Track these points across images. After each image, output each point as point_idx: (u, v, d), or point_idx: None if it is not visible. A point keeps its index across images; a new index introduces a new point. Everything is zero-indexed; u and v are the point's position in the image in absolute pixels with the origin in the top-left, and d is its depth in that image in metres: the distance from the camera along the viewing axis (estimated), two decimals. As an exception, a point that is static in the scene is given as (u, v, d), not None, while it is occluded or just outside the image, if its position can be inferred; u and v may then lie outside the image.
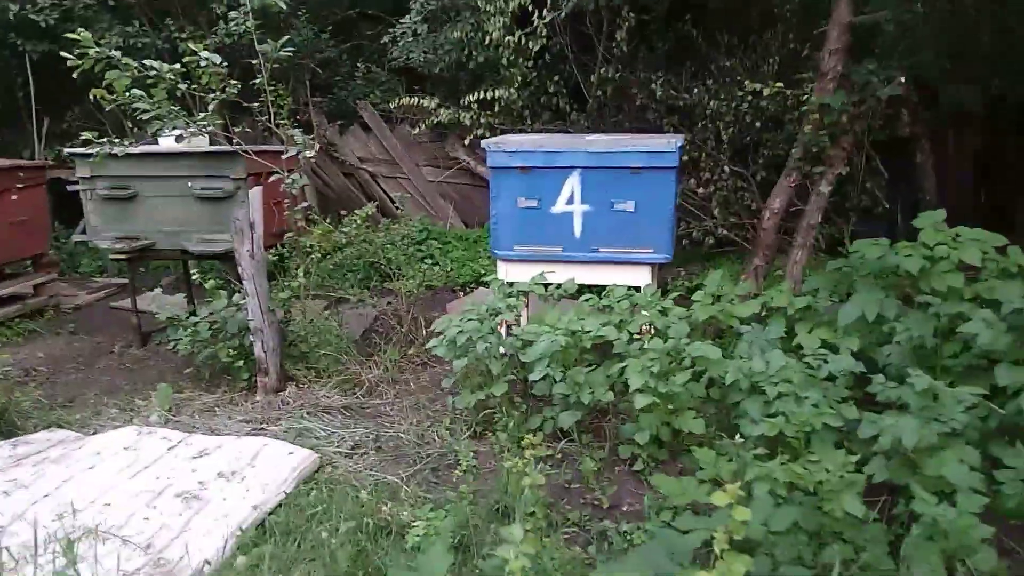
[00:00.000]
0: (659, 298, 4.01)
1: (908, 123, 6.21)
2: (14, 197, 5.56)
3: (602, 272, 4.64)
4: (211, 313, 4.34)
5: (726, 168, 6.69)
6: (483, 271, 6.71)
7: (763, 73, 6.79)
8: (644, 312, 3.93)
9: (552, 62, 7.11)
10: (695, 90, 6.78)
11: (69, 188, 5.04)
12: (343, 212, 6.82)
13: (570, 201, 4.54)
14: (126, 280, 7.22)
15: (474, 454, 3.42)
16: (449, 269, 6.76)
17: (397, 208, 5.10)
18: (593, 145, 4.45)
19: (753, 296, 4.09)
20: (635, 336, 3.58)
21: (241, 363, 4.30)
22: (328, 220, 5.42)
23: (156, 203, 5.02)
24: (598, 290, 4.27)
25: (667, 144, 4.35)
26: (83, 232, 5.80)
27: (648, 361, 3.18)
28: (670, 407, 3.17)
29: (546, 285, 4.19)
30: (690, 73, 7.04)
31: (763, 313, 3.91)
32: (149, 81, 4.02)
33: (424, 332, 5.22)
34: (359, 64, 8.00)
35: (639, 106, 6.99)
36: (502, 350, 3.68)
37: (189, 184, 4.90)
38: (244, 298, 4.21)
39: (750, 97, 6.56)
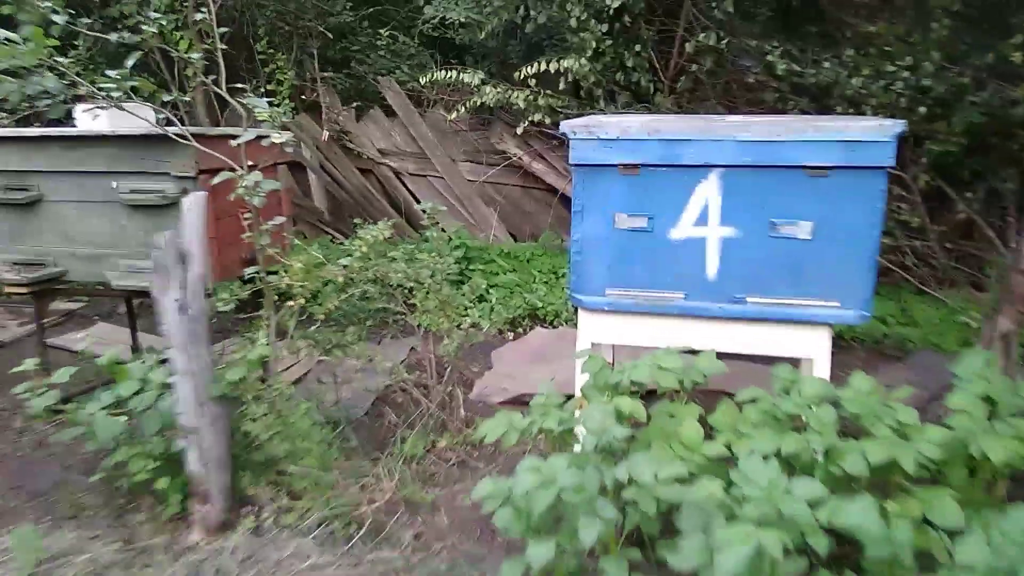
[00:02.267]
0: (885, 399, 2.28)
1: None
2: None
3: (748, 335, 2.91)
4: (119, 398, 2.66)
5: (875, 170, 4.89)
6: (539, 303, 5.00)
7: (917, 44, 5.01)
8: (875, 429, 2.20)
9: (632, 26, 5.37)
10: (826, 63, 5.00)
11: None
12: (356, 220, 5.20)
13: (702, 220, 2.82)
14: (81, 303, 5.65)
15: None
16: (494, 301, 5.06)
17: (426, 221, 3.33)
18: (745, 130, 2.71)
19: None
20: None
21: (167, 481, 2.63)
22: (323, 242, 3.77)
23: (68, 212, 3.37)
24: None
25: (878, 130, 2.60)
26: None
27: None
28: None
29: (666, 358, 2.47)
30: (816, 41, 5.28)
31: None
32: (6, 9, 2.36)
33: (463, 404, 3.54)
34: (382, 32, 6.32)
35: (751, 85, 5.23)
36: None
37: (114, 185, 3.24)
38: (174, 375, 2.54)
39: (907, 74, 4.78)
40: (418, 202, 6.11)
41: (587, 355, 2.49)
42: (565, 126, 2.84)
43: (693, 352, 2.67)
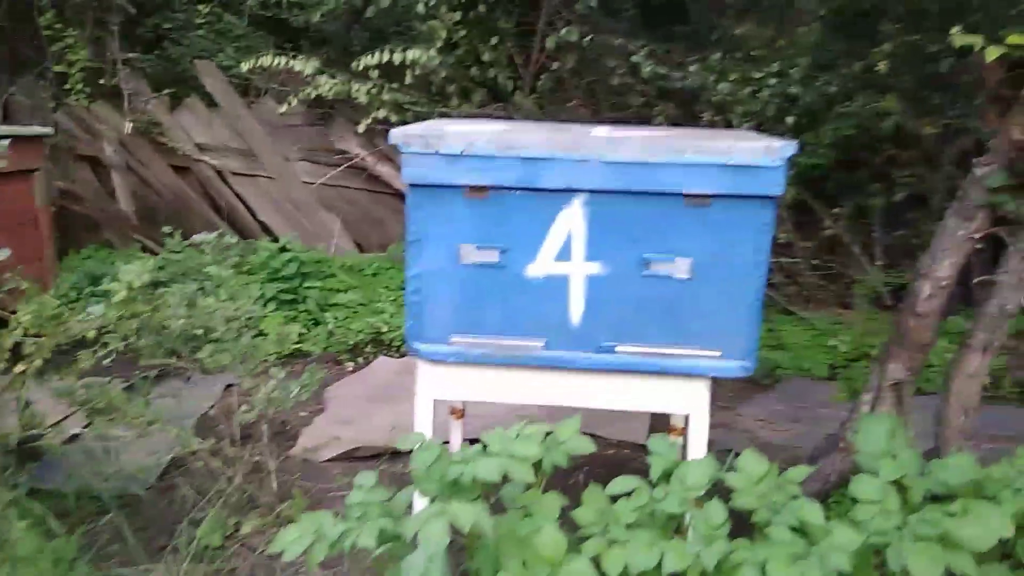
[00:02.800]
0: (780, 484, 1.88)
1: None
2: None
3: (618, 389, 2.46)
4: None
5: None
6: (384, 326, 4.41)
7: (784, 50, 4.81)
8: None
9: (488, 16, 4.86)
10: (692, 67, 4.69)
11: None
12: (168, 230, 4.44)
13: (564, 255, 2.34)
14: None
15: None
16: (331, 324, 4.42)
17: (209, 257, 2.65)
18: (615, 149, 2.24)
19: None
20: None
21: None
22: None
23: None
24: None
25: (766, 153, 2.20)
26: None
27: None
28: None
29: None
30: (683, 42, 4.97)
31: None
32: None
33: (282, 466, 2.91)
34: (201, 8, 5.48)
35: (616, 87, 4.85)
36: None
37: None
38: None
39: (774, 80, 4.55)
40: (246, 206, 5.35)
41: (420, 441, 1.93)
42: (397, 136, 2.26)
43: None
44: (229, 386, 3.67)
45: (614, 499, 1.90)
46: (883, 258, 4.47)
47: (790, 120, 4.48)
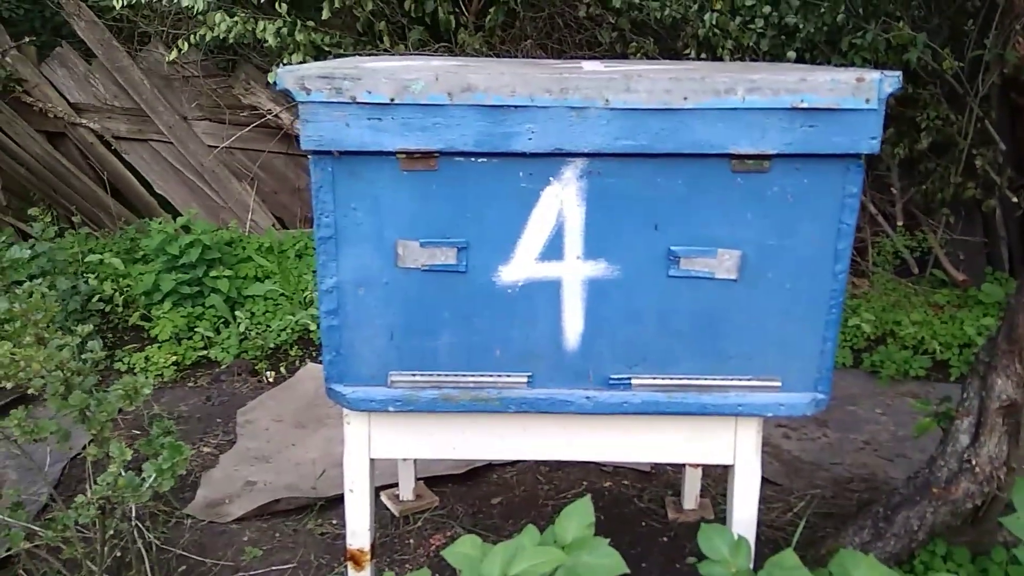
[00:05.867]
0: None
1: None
2: None
3: (634, 438, 1.75)
4: None
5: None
6: (314, 323, 3.61)
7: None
8: None
9: (424, -63, 3.97)
10: (670, -4, 3.91)
11: None
12: (36, 212, 3.60)
13: (554, 252, 1.57)
14: None
15: None
16: (247, 320, 3.59)
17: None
18: (624, 89, 1.46)
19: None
20: None
21: None
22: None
23: None
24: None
25: (856, 89, 1.46)
26: None
27: None
28: None
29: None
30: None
31: None
32: None
33: (176, 538, 2.13)
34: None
35: (582, 22, 4.04)
36: None
37: None
38: None
39: (767, 9, 3.82)
40: (136, 176, 4.43)
41: None
42: (287, 78, 1.45)
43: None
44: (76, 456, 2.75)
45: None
46: (902, 217, 3.81)
47: (791, 55, 3.77)
